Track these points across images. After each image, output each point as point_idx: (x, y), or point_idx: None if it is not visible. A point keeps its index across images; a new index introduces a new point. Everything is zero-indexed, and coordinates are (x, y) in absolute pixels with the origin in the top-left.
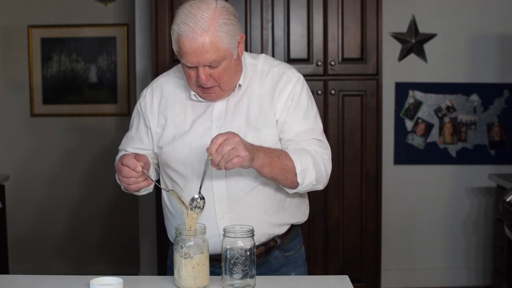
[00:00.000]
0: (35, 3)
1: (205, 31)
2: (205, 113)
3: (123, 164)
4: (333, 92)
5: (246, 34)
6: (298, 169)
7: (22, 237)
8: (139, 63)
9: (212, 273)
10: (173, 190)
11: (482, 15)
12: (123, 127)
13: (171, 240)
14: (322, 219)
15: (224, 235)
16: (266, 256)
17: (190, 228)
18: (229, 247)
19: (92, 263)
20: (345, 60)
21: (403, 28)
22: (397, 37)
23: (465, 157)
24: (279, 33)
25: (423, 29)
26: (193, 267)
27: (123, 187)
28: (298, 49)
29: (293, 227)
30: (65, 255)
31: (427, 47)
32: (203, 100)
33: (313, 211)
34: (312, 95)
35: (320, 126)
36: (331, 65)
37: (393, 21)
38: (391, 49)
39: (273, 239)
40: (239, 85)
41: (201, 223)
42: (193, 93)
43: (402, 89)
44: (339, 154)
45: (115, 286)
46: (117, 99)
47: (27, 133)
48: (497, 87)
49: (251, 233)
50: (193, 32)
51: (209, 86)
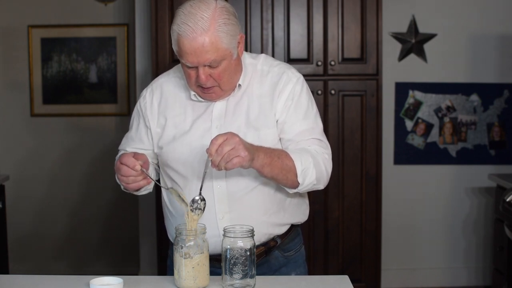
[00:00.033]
0: (35, 3)
1: (205, 31)
2: (205, 113)
3: (122, 163)
4: (333, 92)
5: (246, 34)
6: (298, 169)
7: (22, 237)
8: (139, 63)
9: (212, 273)
10: (172, 188)
11: (482, 15)
12: (123, 127)
13: (171, 240)
14: (322, 219)
15: (224, 235)
16: (266, 256)
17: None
18: (229, 247)
19: (92, 263)
20: (345, 60)
21: (403, 28)
22: (397, 37)
23: (465, 157)
24: (279, 33)
25: (423, 29)
26: (193, 267)
27: (122, 187)
28: (298, 49)
29: (293, 227)
30: (65, 255)
31: (427, 47)
32: (203, 100)
33: (313, 211)
34: (312, 95)
35: (320, 125)
36: (331, 65)
37: (393, 21)
38: (391, 49)
39: (273, 239)
40: (239, 85)
41: (201, 223)
42: (193, 93)
43: (402, 89)
44: (339, 154)
45: (115, 286)
46: (117, 99)
47: (27, 133)
48: (497, 87)
49: (251, 233)
50: (193, 32)
51: (209, 86)
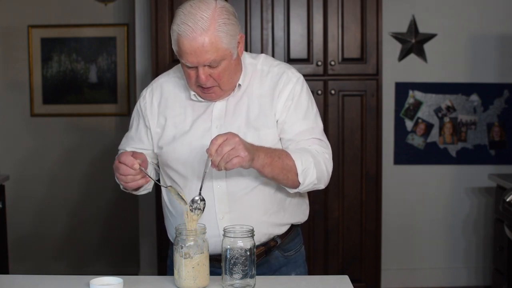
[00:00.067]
0: (35, 3)
1: (205, 31)
2: (205, 113)
3: (120, 162)
4: (333, 92)
5: (246, 34)
6: (299, 169)
7: (22, 237)
8: (139, 63)
9: (212, 273)
10: (171, 186)
11: (482, 15)
12: (123, 127)
13: (171, 240)
14: (322, 219)
15: (224, 235)
16: (266, 256)
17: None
18: (229, 247)
19: (92, 263)
20: (345, 60)
21: (403, 28)
22: (397, 37)
23: (465, 157)
24: (279, 33)
25: (423, 29)
26: (193, 267)
27: (122, 186)
28: (298, 49)
29: (293, 227)
30: (65, 255)
31: (427, 47)
32: (203, 100)
33: (313, 211)
34: (312, 95)
35: (320, 125)
36: (331, 65)
37: (393, 21)
38: (391, 49)
39: (273, 239)
40: (239, 85)
41: (201, 223)
42: (193, 93)
43: (402, 89)
44: (339, 154)
45: (115, 286)
46: (117, 99)
47: (27, 133)
48: (497, 87)
49: (251, 233)
50: (193, 32)
51: (209, 86)
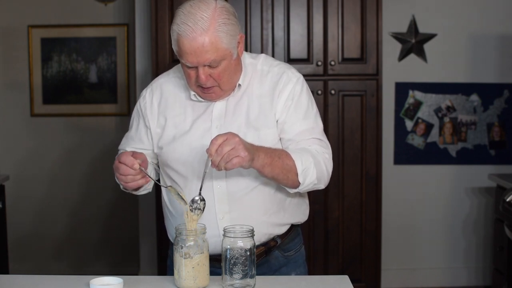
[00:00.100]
0: (35, 3)
1: (205, 31)
2: (205, 113)
3: (120, 162)
4: (333, 92)
5: (246, 34)
6: (299, 169)
7: (22, 237)
8: (139, 63)
9: (212, 273)
10: (171, 186)
11: (482, 15)
12: (123, 127)
13: (171, 240)
14: (322, 219)
15: (224, 235)
16: (266, 256)
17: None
18: (229, 247)
19: (92, 263)
20: (345, 60)
21: (403, 28)
22: (397, 37)
23: (465, 157)
24: (279, 33)
25: (423, 29)
26: (193, 267)
27: (122, 186)
28: (298, 49)
29: (293, 227)
30: (65, 255)
31: (427, 47)
32: (203, 100)
33: (313, 211)
34: (312, 95)
35: (320, 125)
36: (331, 65)
37: (393, 21)
38: (391, 49)
39: (273, 239)
40: (239, 85)
41: (201, 223)
42: (193, 93)
43: (402, 89)
44: (339, 154)
45: (115, 286)
46: (117, 99)
47: (27, 133)
48: (497, 87)
49: (251, 233)
50: (193, 32)
51: (208, 86)
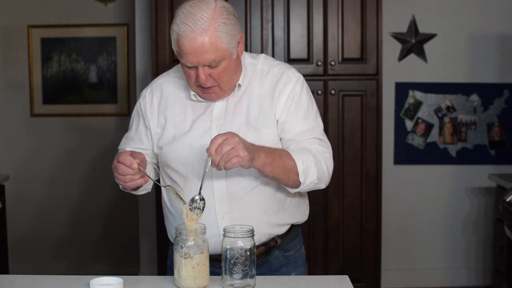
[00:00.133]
0: (35, 3)
1: (205, 31)
2: (205, 113)
3: (119, 161)
4: (333, 92)
5: (246, 34)
6: (300, 168)
7: (22, 237)
8: (139, 63)
9: (212, 273)
10: (170, 185)
11: (482, 15)
12: (123, 127)
13: (171, 240)
14: (322, 219)
15: (224, 235)
16: (266, 256)
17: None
18: (229, 247)
19: (92, 263)
20: (345, 60)
21: (403, 28)
22: (397, 37)
23: (465, 157)
24: (279, 33)
25: (423, 29)
26: (193, 267)
27: (121, 186)
28: (298, 49)
29: (293, 227)
30: (65, 255)
31: (427, 47)
32: (203, 100)
33: (313, 211)
34: (312, 95)
35: (320, 125)
36: (331, 65)
37: (393, 21)
38: (391, 49)
39: (273, 239)
40: (239, 85)
41: (201, 223)
42: (192, 93)
43: (402, 89)
44: (339, 154)
45: (115, 286)
46: (117, 99)
47: (27, 133)
48: (497, 87)
49: (251, 233)
50: (193, 32)
51: (208, 86)
